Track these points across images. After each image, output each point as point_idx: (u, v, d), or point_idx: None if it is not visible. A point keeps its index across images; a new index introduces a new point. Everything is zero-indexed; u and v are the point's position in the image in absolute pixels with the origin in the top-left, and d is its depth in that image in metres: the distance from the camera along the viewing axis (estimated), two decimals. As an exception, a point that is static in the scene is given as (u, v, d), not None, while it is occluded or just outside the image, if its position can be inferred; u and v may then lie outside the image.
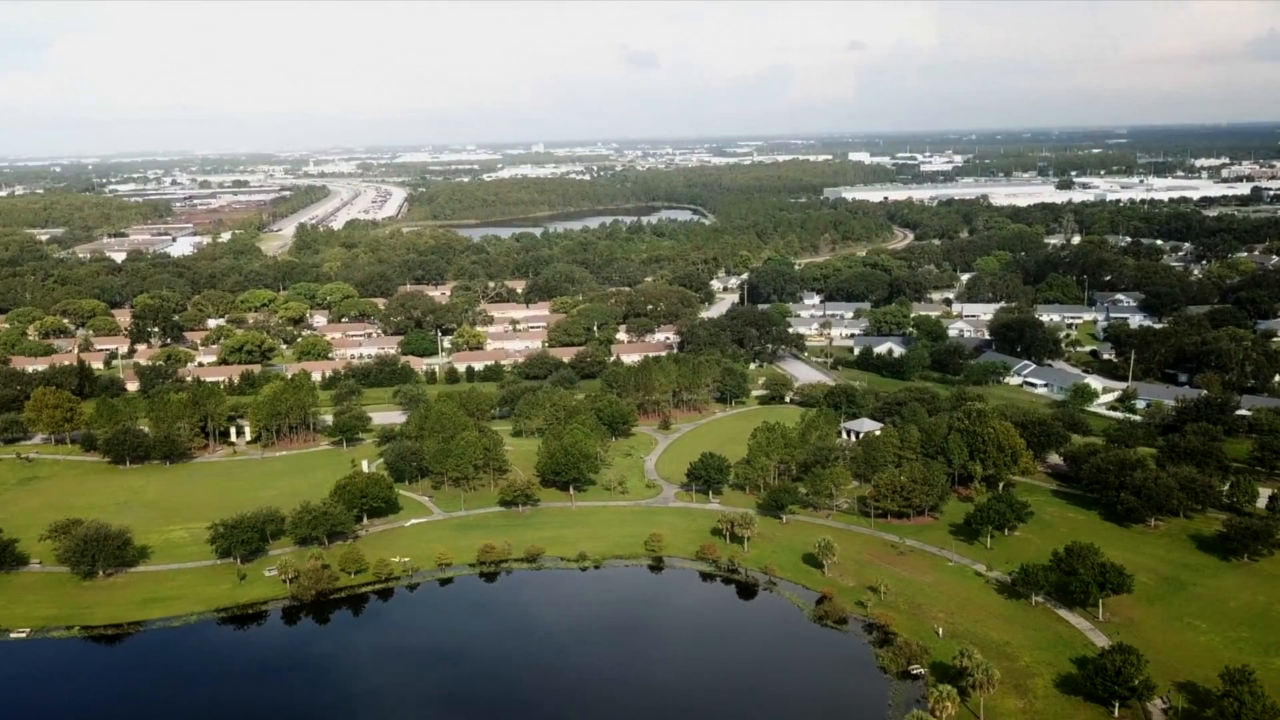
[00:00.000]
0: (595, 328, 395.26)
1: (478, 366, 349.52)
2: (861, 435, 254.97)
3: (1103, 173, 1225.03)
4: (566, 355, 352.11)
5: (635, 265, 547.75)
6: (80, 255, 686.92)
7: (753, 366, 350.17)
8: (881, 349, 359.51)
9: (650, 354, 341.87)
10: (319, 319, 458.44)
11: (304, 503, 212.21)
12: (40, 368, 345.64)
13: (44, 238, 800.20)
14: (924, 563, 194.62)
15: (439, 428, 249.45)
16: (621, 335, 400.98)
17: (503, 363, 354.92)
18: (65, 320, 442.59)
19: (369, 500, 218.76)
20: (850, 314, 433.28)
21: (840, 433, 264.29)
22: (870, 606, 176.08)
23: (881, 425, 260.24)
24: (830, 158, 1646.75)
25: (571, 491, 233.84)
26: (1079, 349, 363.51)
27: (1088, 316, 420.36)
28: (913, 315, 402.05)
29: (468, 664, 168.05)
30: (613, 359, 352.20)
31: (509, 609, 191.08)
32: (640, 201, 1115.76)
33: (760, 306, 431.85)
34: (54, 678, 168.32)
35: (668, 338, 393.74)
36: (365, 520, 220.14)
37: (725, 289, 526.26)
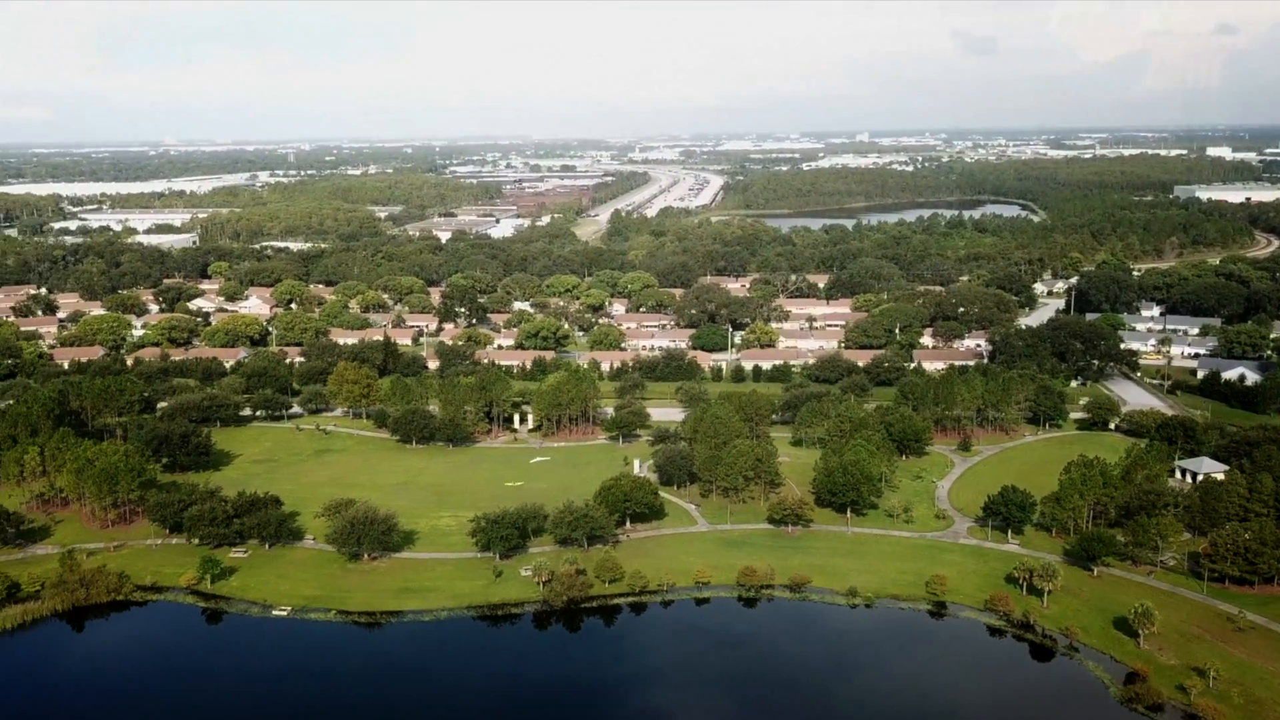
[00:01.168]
0: (897, 330, 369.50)
1: (765, 365, 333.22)
2: (1199, 478, 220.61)
3: None
4: (862, 359, 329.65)
5: (950, 263, 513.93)
6: (411, 233, 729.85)
7: (1074, 384, 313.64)
8: (1231, 374, 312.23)
9: (956, 363, 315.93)
10: (618, 307, 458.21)
11: (568, 501, 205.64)
12: (351, 341, 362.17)
13: (382, 214, 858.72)
14: (1269, 645, 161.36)
15: (712, 432, 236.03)
16: (926, 340, 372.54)
17: (792, 363, 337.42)
18: (385, 296, 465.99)
19: (632, 504, 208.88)
20: (1195, 330, 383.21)
21: (1173, 473, 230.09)
22: (1194, 695, 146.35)
23: (1226, 468, 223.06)
24: (1184, 153, 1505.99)
25: (849, 515, 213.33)
26: None
27: None
28: (1273, 336, 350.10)
29: (715, 697, 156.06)
30: (913, 366, 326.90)
31: (766, 641, 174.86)
32: (964, 194, 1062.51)
33: (1088, 316, 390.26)
34: (308, 661, 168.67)
35: (978, 345, 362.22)
36: (627, 524, 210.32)
37: (1049, 294, 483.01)
